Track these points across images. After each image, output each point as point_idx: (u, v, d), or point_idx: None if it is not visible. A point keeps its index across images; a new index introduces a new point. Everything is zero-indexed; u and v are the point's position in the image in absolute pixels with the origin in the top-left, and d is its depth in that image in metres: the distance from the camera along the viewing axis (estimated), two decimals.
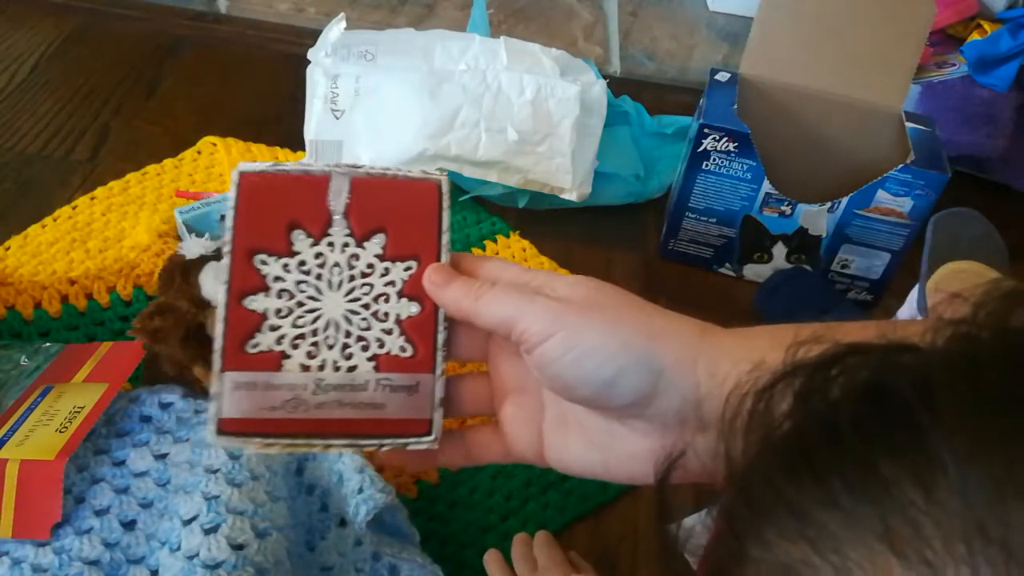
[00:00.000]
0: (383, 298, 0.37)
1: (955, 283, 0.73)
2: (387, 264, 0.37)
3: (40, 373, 0.60)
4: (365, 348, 0.37)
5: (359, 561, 0.53)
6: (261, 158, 0.88)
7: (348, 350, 0.36)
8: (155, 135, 0.91)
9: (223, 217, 0.38)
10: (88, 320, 0.69)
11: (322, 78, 0.81)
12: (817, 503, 0.21)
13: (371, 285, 0.37)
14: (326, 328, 0.36)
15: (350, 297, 0.37)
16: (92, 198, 0.81)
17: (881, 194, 0.77)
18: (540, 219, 0.86)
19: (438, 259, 0.38)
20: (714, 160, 0.78)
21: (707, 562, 0.25)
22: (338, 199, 0.37)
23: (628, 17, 1.23)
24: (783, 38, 0.81)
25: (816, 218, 0.80)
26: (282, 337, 0.36)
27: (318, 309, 0.37)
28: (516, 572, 0.56)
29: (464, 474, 0.64)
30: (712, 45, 1.20)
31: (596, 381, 0.34)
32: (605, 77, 0.89)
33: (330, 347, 0.36)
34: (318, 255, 0.37)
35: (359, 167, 0.38)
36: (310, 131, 0.81)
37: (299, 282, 0.36)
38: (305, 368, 0.36)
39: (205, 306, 0.64)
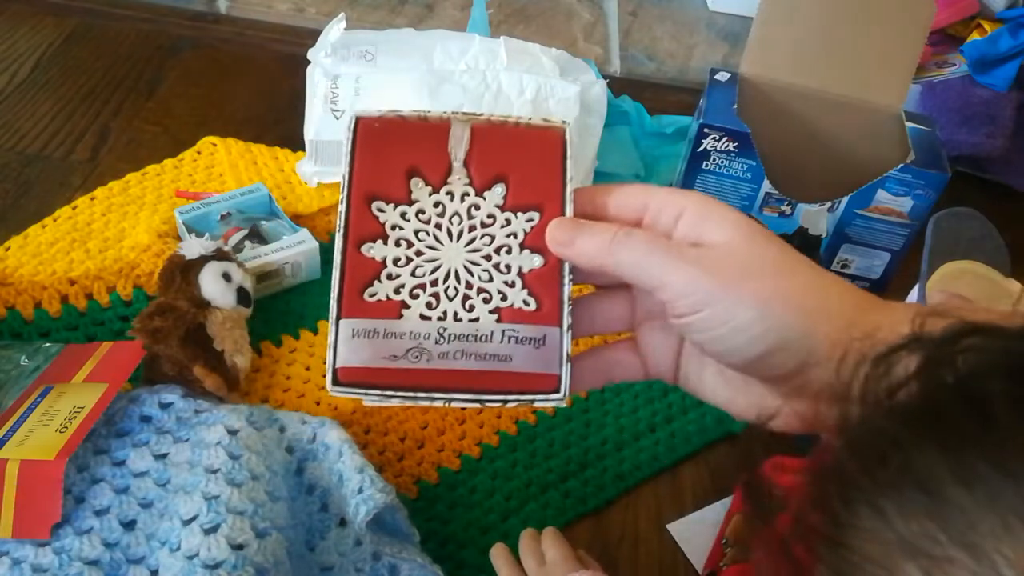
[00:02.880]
0: (504, 249, 0.36)
1: (958, 284, 0.73)
2: (508, 215, 0.36)
3: (40, 373, 0.60)
4: (487, 300, 0.35)
5: (359, 561, 0.53)
6: (261, 158, 0.88)
7: (469, 302, 0.35)
8: (155, 135, 0.91)
9: (222, 217, 0.38)
10: (88, 320, 0.69)
11: (322, 78, 0.81)
12: (951, 477, 0.19)
13: (492, 236, 0.36)
14: (446, 279, 0.35)
15: (470, 248, 0.36)
16: (92, 198, 0.81)
17: (881, 194, 0.77)
18: None
19: (562, 211, 0.36)
20: (714, 160, 0.78)
21: (795, 526, 0.24)
22: (458, 147, 0.36)
23: (628, 17, 1.23)
24: (783, 38, 0.81)
25: (816, 218, 0.80)
26: (401, 287, 0.35)
27: (437, 259, 0.35)
28: (523, 566, 0.56)
29: (464, 474, 0.64)
30: (712, 45, 1.20)
31: (744, 356, 0.32)
32: (605, 77, 0.89)
33: (450, 298, 0.35)
34: (437, 204, 0.36)
35: (479, 114, 0.37)
36: (310, 131, 0.81)
37: (418, 231, 0.36)
38: (425, 318, 0.34)
39: (205, 306, 0.64)
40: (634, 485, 0.66)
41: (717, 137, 0.76)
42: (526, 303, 0.35)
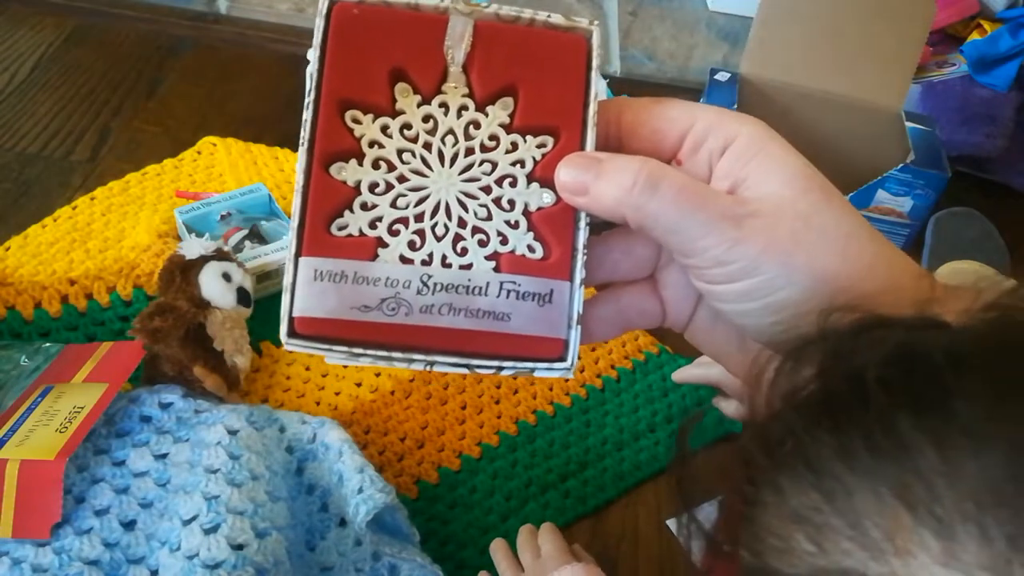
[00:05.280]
0: (508, 181, 0.29)
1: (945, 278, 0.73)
2: (515, 138, 0.29)
3: (40, 373, 0.60)
4: (483, 243, 0.29)
5: (359, 561, 0.53)
6: (261, 158, 0.88)
7: (461, 244, 0.29)
8: (155, 135, 0.91)
9: (222, 217, 0.37)
10: (88, 320, 0.69)
11: None
12: (834, 455, 0.21)
13: (494, 163, 0.29)
14: (434, 213, 0.29)
15: (466, 176, 0.29)
16: (92, 198, 0.81)
17: (881, 194, 0.77)
18: None
19: (581, 137, 0.29)
20: None
21: (723, 508, 0.26)
22: (457, 47, 0.29)
23: (628, 17, 1.23)
24: (783, 38, 0.81)
25: None
26: (377, 220, 0.28)
27: (425, 188, 0.29)
28: (520, 559, 0.57)
29: (464, 474, 0.64)
30: (712, 45, 1.20)
31: (770, 336, 0.28)
32: (605, 77, 0.89)
33: (438, 238, 0.29)
34: (427, 118, 0.29)
35: (485, 5, 0.30)
36: None
37: (401, 151, 0.29)
38: (407, 261, 0.28)
39: (205, 306, 0.64)
40: (634, 485, 0.66)
41: None
42: (531, 249, 0.29)
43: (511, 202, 0.29)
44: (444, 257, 0.29)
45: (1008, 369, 0.21)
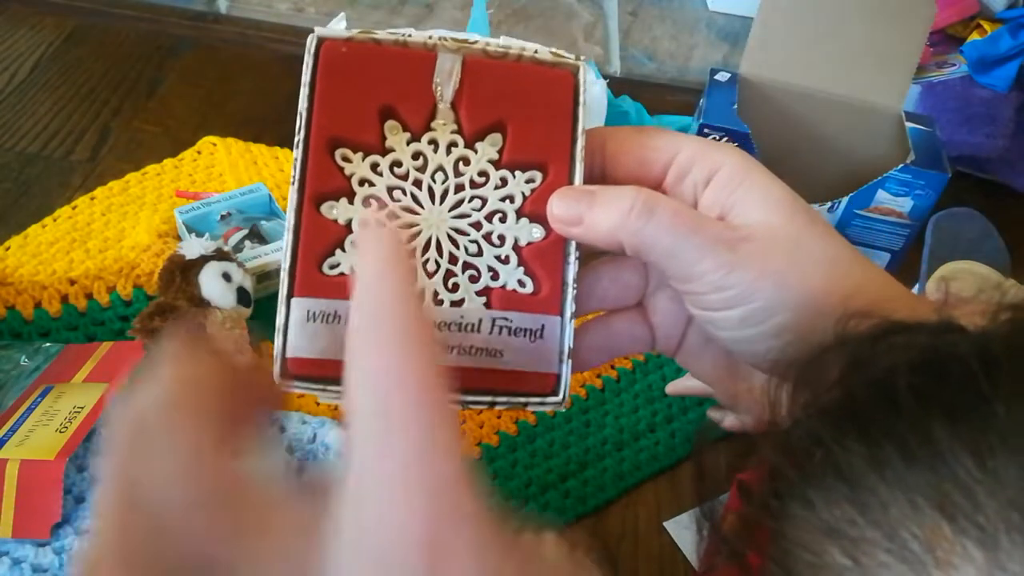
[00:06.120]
0: (498, 217, 0.30)
1: (958, 285, 0.73)
2: (504, 173, 0.30)
3: (40, 373, 0.60)
4: (474, 279, 0.29)
5: None
6: (261, 158, 0.88)
7: (453, 280, 0.29)
8: (155, 135, 0.91)
9: (222, 217, 0.37)
10: (88, 320, 0.69)
11: None
12: (866, 466, 0.20)
13: (483, 199, 0.30)
14: (425, 250, 0.29)
15: (456, 213, 0.29)
16: (92, 198, 0.81)
17: (881, 194, 0.77)
18: None
19: (570, 172, 0.30)
20: None
21: (741, 519, 0.25)
22: (446, 84, 0.29)
23: (628, 17, 1.24)
24: (783, 38, 0.81)
25: None
26: None
27: (416, 224, 0.29)
28: None
29: None
30: (712, 45, 1.20)
31: (770, 359, 0.28)
32: (605, 77, 0.89)
33: (430, 274, 0.29)
34: (417, 155, 0.29)
35: (473, 42, 0.30)
36: None
37: (392, 188, 0.29)
38: None
39: (205, 306, 0.64)
40: (634, 485, 0.66)
41: (717, 137, 0.76)
42: (521, 283, 0.29)
43: (501, 237, 0.30)
44: (436, 294, 0.29)
45: None
